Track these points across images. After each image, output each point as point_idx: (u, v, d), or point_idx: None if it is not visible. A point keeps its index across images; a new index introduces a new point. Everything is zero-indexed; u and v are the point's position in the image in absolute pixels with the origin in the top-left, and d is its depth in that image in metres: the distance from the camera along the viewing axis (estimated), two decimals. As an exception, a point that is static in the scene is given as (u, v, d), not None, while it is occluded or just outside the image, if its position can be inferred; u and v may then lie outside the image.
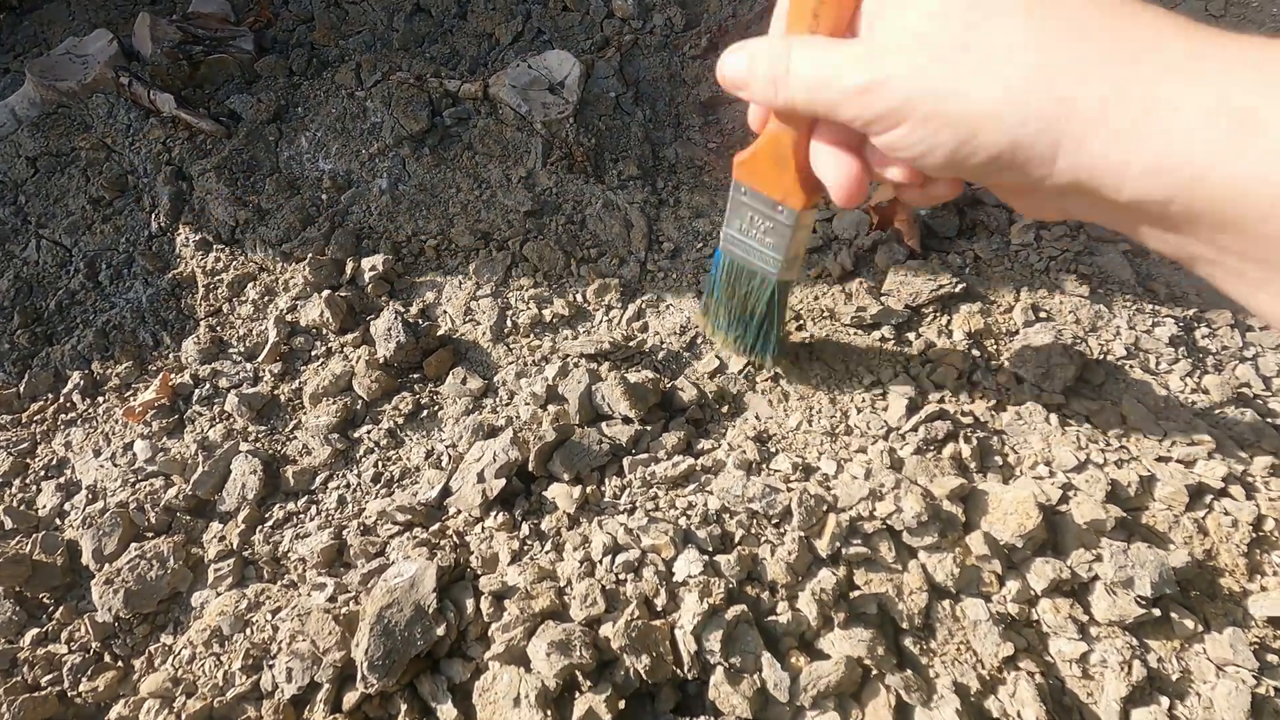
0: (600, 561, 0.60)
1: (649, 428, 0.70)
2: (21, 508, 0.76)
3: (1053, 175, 0.34)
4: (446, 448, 0.75)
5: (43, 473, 0.80)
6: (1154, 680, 0.54)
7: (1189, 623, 0.55)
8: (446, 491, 0.69)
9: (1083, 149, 0.32)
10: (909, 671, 0.54)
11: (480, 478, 0.66)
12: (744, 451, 0.67)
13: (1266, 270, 0.31)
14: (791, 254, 0.60)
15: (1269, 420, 0.67)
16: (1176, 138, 0.30)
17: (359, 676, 0.54)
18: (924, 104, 0.36)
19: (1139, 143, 0.30)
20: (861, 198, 0.45)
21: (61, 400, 0.85)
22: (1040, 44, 0.33)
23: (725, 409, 0.73)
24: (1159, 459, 0.63)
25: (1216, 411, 0.68)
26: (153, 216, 0.99)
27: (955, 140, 0.36)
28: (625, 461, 0.67)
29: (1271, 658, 0.53)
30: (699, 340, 0.80)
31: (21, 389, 0.87)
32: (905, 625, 0.56)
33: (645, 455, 0.68)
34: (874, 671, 0.54)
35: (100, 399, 0.85)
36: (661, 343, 0.81)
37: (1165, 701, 0.53)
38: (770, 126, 0.52)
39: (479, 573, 0.61)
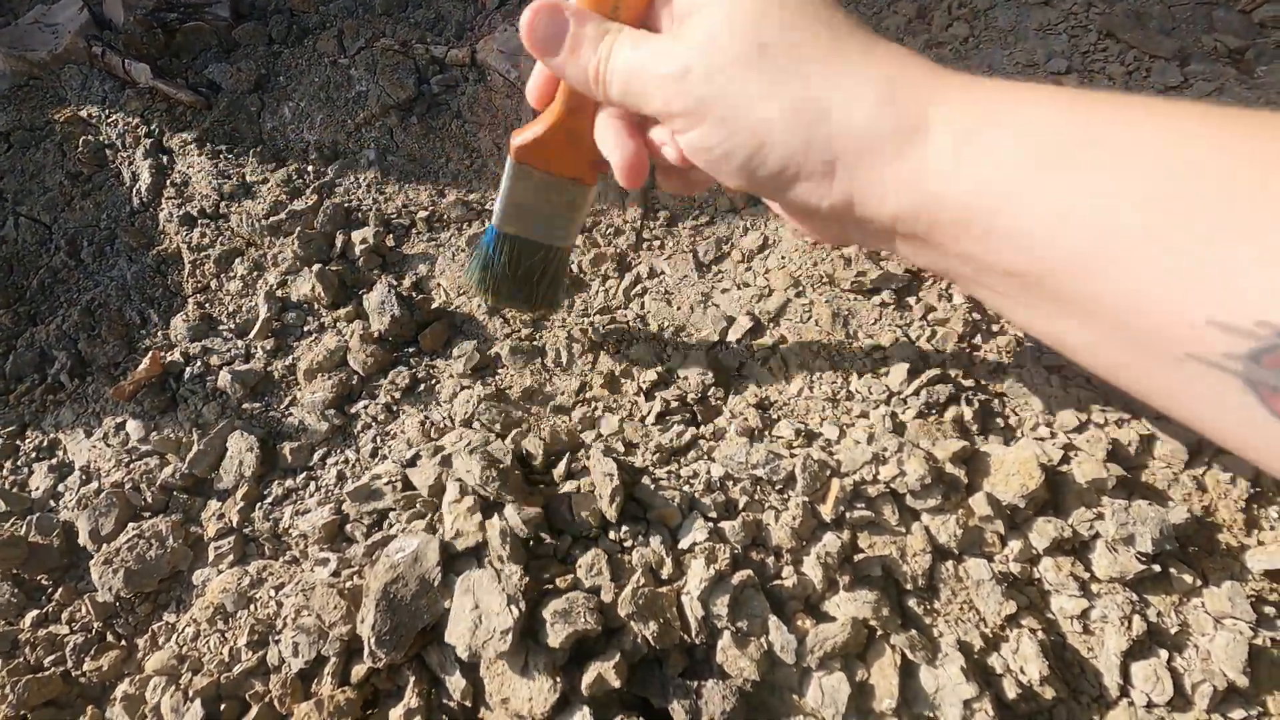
0: (605, 531, 0.59)
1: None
2: (14, 490, 0.75)
3: (830, 194, 0.37)
4: (443, 419, 0.74)
5: (34, 454, 0.79)
6: (1153, 634, 0.54)
7: (1188, 577, 0.56)
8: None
9: (855, 169, 0.36)
10: (913, 631, 0.54)
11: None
12: (745, 419, 0.67)
13: (1009, 283, 0.34)
14: (579, 223, 0.60)
15: (1266, 378, 0.67)
16: (918, 158, 0.34)
17: (366, 651, 0.54)
18: (720, 105, 0.37)
19: (892, 160, 0.35)
20: (643, 178, 0.46)
21: (49, 381, 0.84)
22: (823, 69, 0.36)
23: (723, 392, 0.73)
24: (1159, 417, 0.64)
25: (1215, 370, 0.68)
26: (134, 191, 0.96)
27: (748, 148, 0.37)
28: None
29: (1268, 610, 0.54)
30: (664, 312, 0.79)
31: (7, 370, 0.85)
32: (909, 586, 0.57)
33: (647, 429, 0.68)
34: (879, 632, 0.54)
35: (89, 379, 0.84)
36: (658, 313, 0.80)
37: (1164, 654, 0.54)
38: (559, 109, 0.50)
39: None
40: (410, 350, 0.81)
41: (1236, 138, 0.28)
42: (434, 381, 0.78)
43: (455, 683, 0.54)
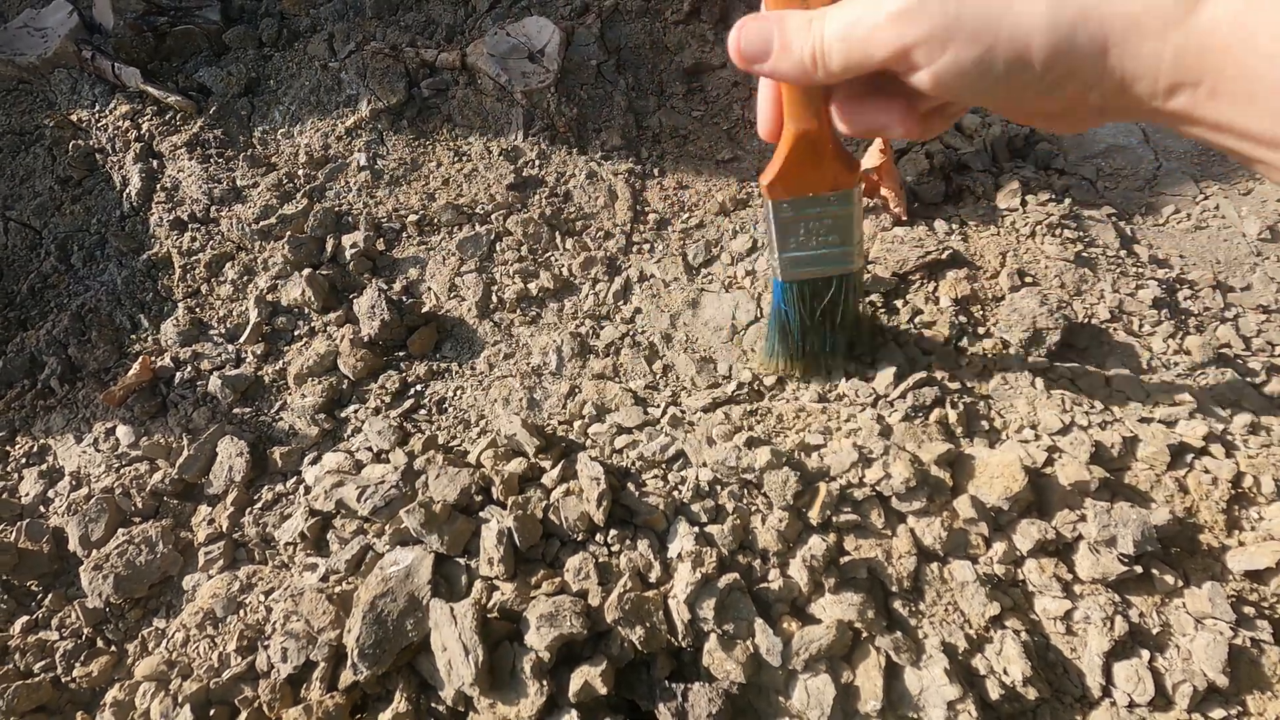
0: (593, 536, 0.60)
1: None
2: (4, 496, 0.75)
3: (1102, 80, 0.35)
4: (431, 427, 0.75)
5: (23, 460, 0.79)
6: (1135, 634, 0.55)
7: (1169, 578, 0.56)
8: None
9: (1126, 46, 0.34)
10: (898, 633, 0.55)
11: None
12: (734, 421, 0.67)
13: None
14: (858, 238, 0.57)
15: (1248, 379, 0.68)
16: (1204, 19, 0.32)
17: (349, 663, 0.54)
18: (969, 18, 0.35)
19: (1174, 27, 0.33)
20: (923, 128, 0.43)
21: (39, 386, 0.84)
22: None
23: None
24: (1141, 420, 0.64)
25: (1198, 372, 0.69)
26: (124, 196, 0.96)
27: (1008, 56, 0.35)
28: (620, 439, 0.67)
29: (1248, 610, 0.55)
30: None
31: (-3, 376, 0.85)
32: (894, 588, 0.57)
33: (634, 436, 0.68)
34: (864, 634, 0.55)
35: (79, 384, 0.84)
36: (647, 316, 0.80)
37: (1146, 654, 0.54)
38: (790, 128, 0.50)
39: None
40: (400, 354, 0.81)
41: None
42: (423, 385, 0.78)
43: (445, 689, 0.54)
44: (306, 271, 0.85)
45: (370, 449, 0.72)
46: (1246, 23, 0.31)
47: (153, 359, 0.82)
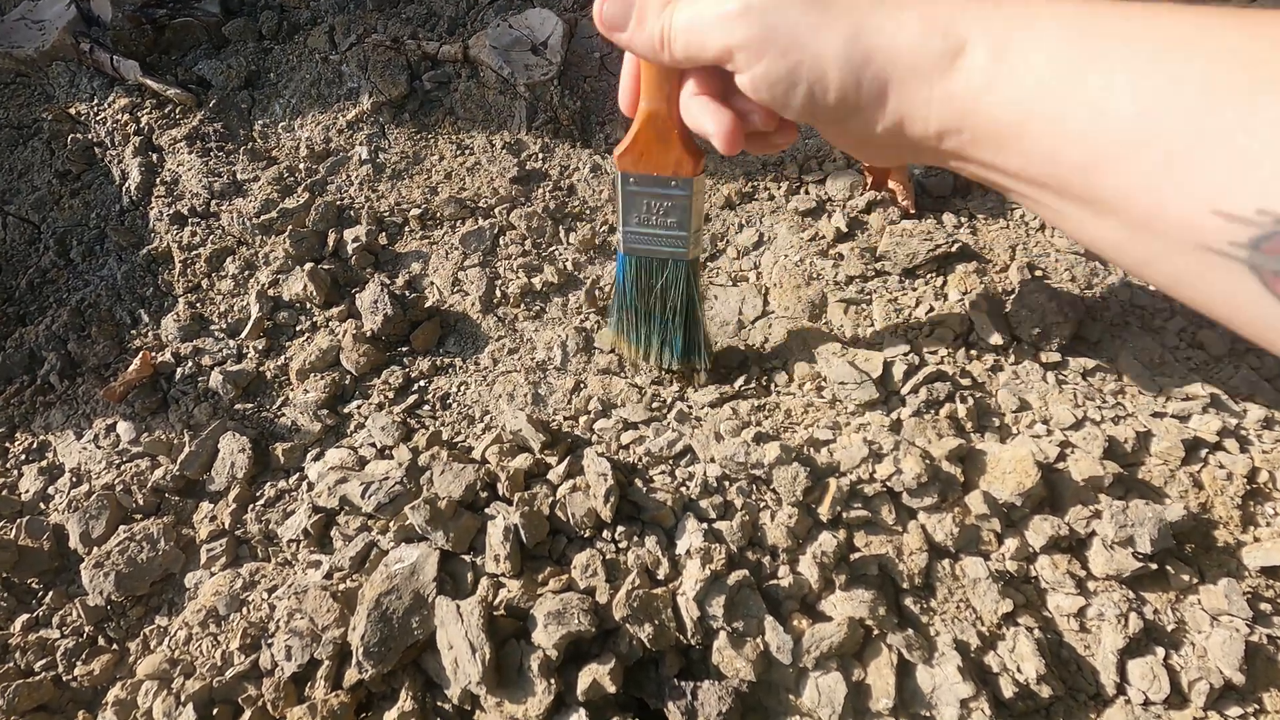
0: (601, 532, 0.59)
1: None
2: (3, 493, 0.75)
3: (884, 117, 0.39)
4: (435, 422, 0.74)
5: (23, 456, 0.78)
6: (1150, 632, 0.54)
7: (1185, 575, 0.56)
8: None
9: (903, 93, 0.38)
10: (910, 630, 0.54)
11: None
12: (742, 417, 0.67)
13: (1043, 191, 0.36)
14: (695, 227, 0.61)
15: (1262, 374, 0.67)
16: (959, 75, 0.36)
17: (354, 661, 0.53)
18: (781, 36, 0.40)
19: (937, 80, 0.37)
20: (740, 145, 0.48)
21: (39, 382, 0.83)
22: (870, 3, 0.39)
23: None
24: (1155, 414, 0.64)
25: (1211, 366, 0.68)
26: (123, 190, 0.96)
27: (810, 77, 0.40)
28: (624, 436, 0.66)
29: (1265, 607, 0.54)
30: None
31: (-4, 371, 0.84)
32: (906, 585, 0.57)
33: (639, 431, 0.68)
34: (875, 631, 0.54)
35: (79, 380, 0.83)
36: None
37: (1161, 652, 0.53)
38: (643, 106, 0.53)
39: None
40: (403, 349, 0.80)
41: (1245, 36, 0.30)
42: (426, 380, 0.77)
43: (451, 688, 0.54)
44: (308, 266, 0.84)
45: (374, 445, 0.71)
46: (991, 75, 0.35)
47: (153, 354, 0.82)
